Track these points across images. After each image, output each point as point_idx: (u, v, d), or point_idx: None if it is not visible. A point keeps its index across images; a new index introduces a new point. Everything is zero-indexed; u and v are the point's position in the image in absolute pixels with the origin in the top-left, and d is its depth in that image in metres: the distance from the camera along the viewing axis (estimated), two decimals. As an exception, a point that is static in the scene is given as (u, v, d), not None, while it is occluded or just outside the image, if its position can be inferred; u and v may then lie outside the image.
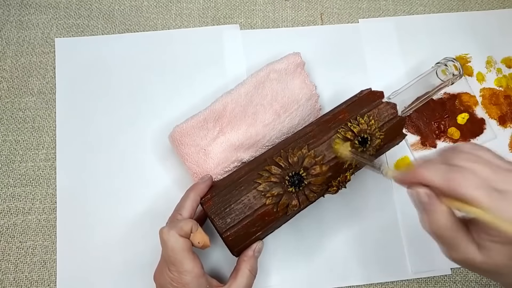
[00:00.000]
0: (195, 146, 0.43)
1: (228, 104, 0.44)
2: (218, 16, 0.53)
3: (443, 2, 0.55)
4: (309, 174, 0.37)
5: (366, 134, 0.39)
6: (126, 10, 0.52)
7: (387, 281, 0.44)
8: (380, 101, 0.41)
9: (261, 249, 0.38)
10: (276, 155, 0.38)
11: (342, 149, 0.37)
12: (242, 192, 0.37)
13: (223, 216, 0.36)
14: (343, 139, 0.38)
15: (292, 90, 0.46)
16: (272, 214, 0.37)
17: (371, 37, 0.52)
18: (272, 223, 0.37)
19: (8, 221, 0.44)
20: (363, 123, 0.39)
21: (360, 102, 0.42)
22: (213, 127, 0.44)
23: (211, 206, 0.37)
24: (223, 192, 0.37)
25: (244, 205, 0.36)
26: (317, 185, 0.38)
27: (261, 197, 0.36)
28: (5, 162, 0.46)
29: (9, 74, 0.49)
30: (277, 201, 0.36)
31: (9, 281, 0.42)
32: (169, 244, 0.34)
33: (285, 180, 0.37)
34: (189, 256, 0.34)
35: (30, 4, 0.52)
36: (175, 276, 0.34)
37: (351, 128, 0.39)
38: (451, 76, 0.44)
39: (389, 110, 0.40)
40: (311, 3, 0.54)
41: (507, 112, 0.50)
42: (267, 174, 0.37)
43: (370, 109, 0.40)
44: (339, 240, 0.45)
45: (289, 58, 0.46)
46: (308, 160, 0.37)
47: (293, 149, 0.38)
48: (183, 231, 0.35)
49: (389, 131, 0.40)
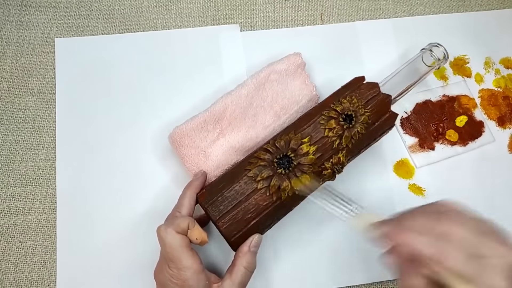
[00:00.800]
0: (195, 148, 0.43)
1: (228, 106, 0.44)
2: (218, 16, 0.53)
3: (443, 2, 0.55)
4: (297, 155, 0.38)
5: (350, 111, 0.40)
6: (126, 10, 0.52)
7: (387, 281, 0.44)
8: (361, 83, 0.42)
9: (259, 243, 0.37)
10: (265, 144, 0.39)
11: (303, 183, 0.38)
12: (234, 181, 0.37)
13: (216, 205, 0.37)
14: (327, 119, 0.40)
15: (292, 91, 0.46)
16: (266, 198, 0.37)
17: (370, 38, 0.52)
18: (267, 209, 0.37)
19: (8, 221, 0.44)
20: (345, 102, 0.40)
21: (343, 88, 0.43)
22: (213, 129, 0.44)
23: (205, 198, 0.37)
24: (216, 183, 0.38)
25: (235, 191, 0.37)
26: (307, 165, 0.38)
27: (252, 182, 0.37)
28: (5, 162, 0.46)
29: (9, 74, 0.49)
30: (268, 183, 0.37)
31: (9, 281, 0.42)
32: (167, 241, 0.34)
33: (274, 163, 0.37)
34: (187, 252, 0.34)
35: (30, 4, 0.52)
36: (174, 272, 0.34)
37: (334, 108, 0.40)
38: (437, 61, 0.45)
39: (371, 89, 0.41)
40: (311, 3, 0.54)
41: (506, 113, 0.50)
42: (256, 160, 0.38)
43: (352, 91, 0.42)
44: (339, 239, 0.45)
45: (290, 58, 0.46)
46: (294, 142, 0.38)
47: (280, 136, 0.39)
48: (180, 228, 0.35)
49: (375, 108, 0.41)
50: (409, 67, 0.45)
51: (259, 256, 0.43)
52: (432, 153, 0.48)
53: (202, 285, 0.34)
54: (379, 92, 0.41)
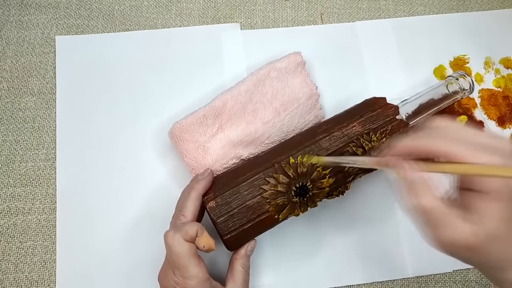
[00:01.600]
0: (194, 142, 0.43)
1: (228, 101, 0.44)
2: (218, 16, 0.53)
3: (443, 2, 0.55)
4: (315, 186, 0.38)
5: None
6: (126, 10, 0.52)
7: (387, 280, 0.44)
8: (394, 117, 0.41)
9: (254, 248, 0.39)
10: (284, 161, 0.38)
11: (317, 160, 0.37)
12: (246, 197, 0.37)
13: (226, 220, 0.36)
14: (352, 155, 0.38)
15: (292, 88, 0.46)
16: (273, 220, 0.38)
17: (370, 38, 0.52)
18: (270, 227, 0.39)
19: (8, 221, 0.44)
20: (375, 140, 0.39)
21: (373, 116, 0.41)
22: (213, 124, 0.44)
23: (214, 208, 0.37)
24: (227, 194, 0.37)
25: (247, 209, 0.36)
26: (320, 197, 0.39)
27: (265, 203, 0.37)
28: (5, 162, 0.46)
29: (9, 74, 0.49)
30: (280, 210, 0.37)
31: (9, 281, 0.42)
32: (174, 249, 0.34)
33: (291, 190, 0.37)
34: (194, 261, 0.34)
35: (30, 4, 0.52)
36: (179, 280, 0.34)
37: (363, 144, 0.39)
38: (461, 91, 0.44)
39: (401, 128, 0.41)
40: (311, 3, 0.54)
41: (506, 112, 0.50)
42: (274, 182, 0.37)
43: (383, 126, 0.40)
44: (338, 238, 0.45)
45: (289, 57, 0.46)
46: (316, 174, 0.37)
47: (302, 157, 0.38)
48: (188, 236, 0.34)
49: None
50: (432, 93, 0.44)
51: (258, 253, 0.44)
52: None
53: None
54: (405, 126, 0.41)
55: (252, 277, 0.43)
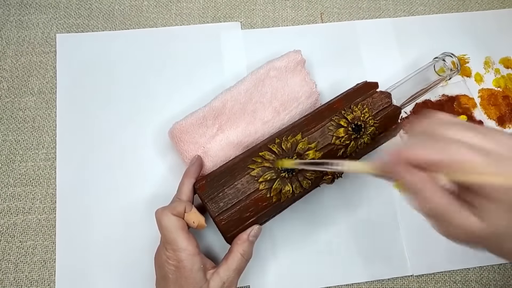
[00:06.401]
0: (194, 144, 0.43)
1: (227, 101, 0.44)
2: (218, 16, 0.53)
3: (443, 2, 0.55)
4: (302, 159, 0.38)
5: (360, 121, 0.39)
6: (126, 10, 0.52)
7: (387, 279, 0.44)
8: (374, 90, 0.42)
9: (257, 234, 0.38)
10: (270, 143, 0.39)
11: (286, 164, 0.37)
12: (236, 178, 0.37)
13: (216, 201, 0.37)
14: (336, 126, 0.39)
15: (292, 87, 0.46)
16: (266, 199, 0.37)
17: (370, 37, 0.52)
18: (266, 209, 0.38)
19: (8, 220, 0.44)
20: (357, 110, 0.40)
21: (354, 92, 0.42)
22: (212, 125, 0.44)
23: (205, 191, 0.38)
24: (217, 177, 0.38)
25: (237, 189, 0.37)
26: (310, 171, 0.38)
27: (254, 182, 0.37)
28: (5, 162, 0.46)
29: (9, 74, 0.49)
30: (270, 186, 0.37)
31: (9, 280, 0.42)
32: (163, 223, 0.35)
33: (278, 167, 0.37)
34: (183, 234, 0.35)
35: (30, 3, 0.52)
36: (170, 254, 0.35)
37: (345, 115, 0.40)
38: (448, 72, 0.45)
39: (383, 99, 0.41)
40: (311, 3, 0.54)
41: (505, 112, 0.50)
42: (261, 160, 0.38)
43: (364, 98, 0.41)
44: (338, 237, 0.45)
45: (289, 56, 0.46)
46: (301, 146, 0.38)
47: (287, 136, 0.39)
48: (176, 211, 0.36)
49: (384, 120, 0.41)
50: (420, 75, 0.45)
51: (258, 250, 0.44)
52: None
53: (197, 267, 0.35)
54: (390, 104, 0.41)
55: (252, 276, 0.43)
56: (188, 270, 0.34)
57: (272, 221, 0.43)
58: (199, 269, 0.35)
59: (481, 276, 0.45)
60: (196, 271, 0.35)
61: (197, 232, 0.43)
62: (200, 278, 0.35)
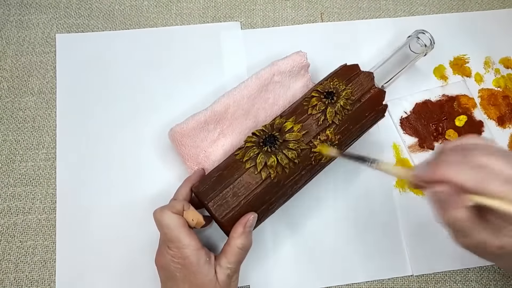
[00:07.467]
0: (196, 148, 0.43)
1: (230, 106, 0.44)
2: (219, 16, 0.53)
3: (443, 2, 0.55)
4: (282, 133, 0.38)
5: (330, 88, 0.41)
6: (126, 10, 0.52)
7: (387, 279, 0.44)
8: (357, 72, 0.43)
9: (253, 222, 0.37)
10: None
11: (327, 150, 0.39)
12: (223, 167, 0.38)
13: (206, 187, 0.37)
14: (309, 98, 0.41)
15: (294, 92, 0.46)
16: (254, 177, 0.37)
17: (370, 37, 0.53)
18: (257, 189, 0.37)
19: (8, 220, 0.44)
20: (326, 82, 0.42)
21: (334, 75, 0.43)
22: (214, 129, 0.44)
23: (196, 186, 0.38)
24: (209, 174, 0.39)
25: (225, 174, 0.38)
26: (293, 141, 0.38)
27: (240, 163, 0.38)
28: (5, 162, 0.46)
29: (9, 74, 0.49)
30: (255, 162, 0.37)
31: (10, 280, 0.42)
32: (164, 222, 0.35)
33: (260, 144, 0.38)
34: (184, 231, 0.35)
35: (30, 3, 0.52)
36: (175, 252, 0.35)
37: (315, 88, 0.41)
38: (423, 48, 0.46)
39: (351, 69, 0.43)
40: (311, 3, 0.54)
41: (505, 112, 0.50)
42: (244, 144, 0.39)
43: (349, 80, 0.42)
44: (339, 237, 0.45)
45: (294, 59, 0.46)
46: (278, 121, 0.39)
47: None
48: (175, 209, 0.36)
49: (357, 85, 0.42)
50: (398, 55, 0.47)
51: (258, 250, 0.44)
52: (432, 153, 0.48)
53: (203, 261, 0.35)
54: (359, 71, 0.42)
55: (252, 276, 0.43)
56: (195, 265, 0.34)
57: (272, 221, 0.43)
58: (206, 262, 0.35)
59: (481, 276, 0.45)
60: (203, 264, 0.35)
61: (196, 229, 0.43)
62: (208, 271, 0.35)
